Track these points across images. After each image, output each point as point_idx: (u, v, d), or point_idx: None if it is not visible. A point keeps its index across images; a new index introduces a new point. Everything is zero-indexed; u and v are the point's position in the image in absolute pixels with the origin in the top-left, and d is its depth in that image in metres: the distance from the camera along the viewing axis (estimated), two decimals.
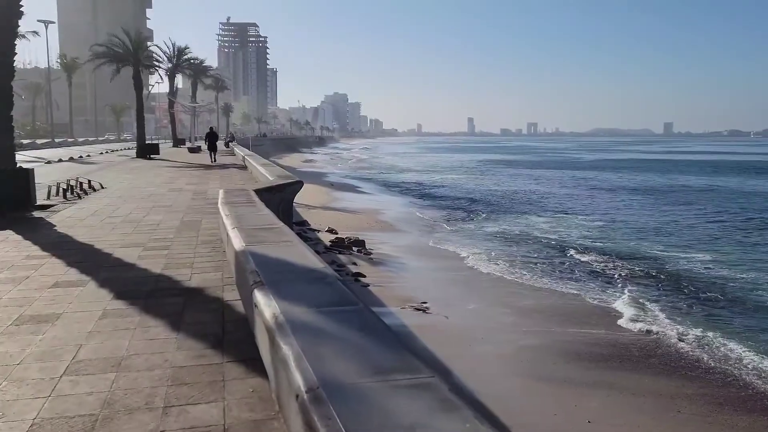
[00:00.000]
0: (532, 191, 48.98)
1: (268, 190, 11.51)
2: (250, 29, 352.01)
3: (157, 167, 28.32)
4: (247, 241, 5.76)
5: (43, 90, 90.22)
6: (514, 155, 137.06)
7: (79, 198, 14.92)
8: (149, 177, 22.00)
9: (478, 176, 67.30)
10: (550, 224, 29.80)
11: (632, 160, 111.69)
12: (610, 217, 33.69)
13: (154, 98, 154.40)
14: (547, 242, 24.19)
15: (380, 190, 48.21)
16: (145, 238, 9.34)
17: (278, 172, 15.25)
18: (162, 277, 6.83)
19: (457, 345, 11.07)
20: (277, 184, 11.96)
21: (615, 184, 57.68)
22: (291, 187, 12.71)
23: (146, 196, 15.45)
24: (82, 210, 12.69)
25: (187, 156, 39.95)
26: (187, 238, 9.27)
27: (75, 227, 10.40)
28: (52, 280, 6.71)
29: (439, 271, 17.84)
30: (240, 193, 10.26)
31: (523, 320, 12.89)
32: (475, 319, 12.80)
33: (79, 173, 24.38)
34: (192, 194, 15.78)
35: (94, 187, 17.01)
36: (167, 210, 12.62)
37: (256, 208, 8.24)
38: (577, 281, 17.41)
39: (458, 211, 33.87)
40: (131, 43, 40.15)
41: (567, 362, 10.46)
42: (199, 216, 11.73)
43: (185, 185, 18.42)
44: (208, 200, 14.20)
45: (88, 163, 33.04)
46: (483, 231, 26.44)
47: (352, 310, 3.71)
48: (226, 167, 28.04)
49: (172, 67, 61.31)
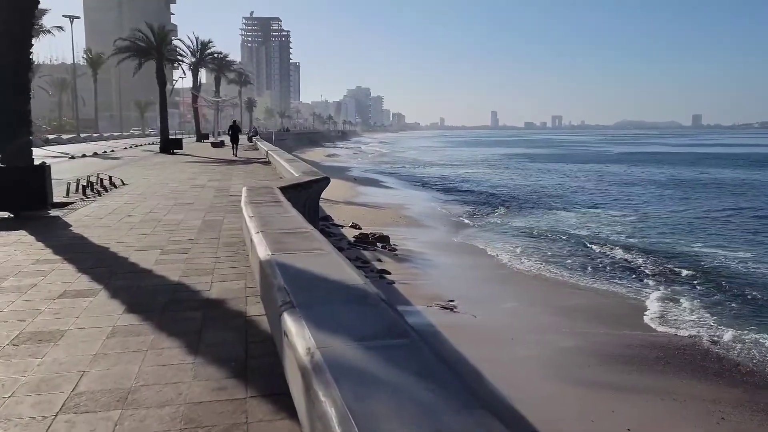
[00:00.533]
0: (558, 185, 48.04)
1: (293, 187, 10.86)
2: (273, 23, 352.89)
3: (179, 162, 27.93)
4: (274, 249, 5.08)
5: (69, 85, 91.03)
6: (539, 149, 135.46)
7: (98, 195, 14.44)
8: (171, 173, 21.55)
9: (502, 170, 66.41)
10: (580, 219, 29.02)
11: (660, 153, 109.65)
12: (641, 212, 32.77)
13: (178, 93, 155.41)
14: (577, 238, 23.46)
15: (404, 184, 47.68)
16: (164, 239, 8.74)
17: (303, 168, 14.60)
18: (180, 287, 6.20)
19: (487, 346, 10.58)
20: (303, 181, 11.31)
21: (643, 177, 56.45)
22: (317, 184, 12.06)
23: (167, 193, 14.93)
24: (100, 208, 12.18)
25: (210, 151, 39.60)
26: (208, 240, 8.65)
27: (91, 227, 9.86)
28: (60, 288, 6.11)
29: (466, 268, 17.33)
30: (264, 191, 9.62)
31: (554, 320, 12.43)
32: (505, 319, 12.35)
33: (102, 169, 24.06)
34: (214, 191, 15.23)
35: (115, 184, 16.55)
36: (188, 208, 12.05)
37: (282, 209, 7.57)
38: (609, 279, 16.83)
39: (484, 206, 33.22)
40: (155, 37, 39.83)
41: (601, 364, 10.05)
42: (221, 215, 11.13)
43: (207, 182, 17.90)
44: (231, 198, 13.62)
45: (112, 158, 32.83)
46: (510, 226, 25.78)
47: (405, 345, 3.01)
48: (250, 162, 27.54)
49: (196, 62, 61.16)
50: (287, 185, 10.73)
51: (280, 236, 5.74)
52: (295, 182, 11.05)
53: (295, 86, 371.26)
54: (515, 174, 61.02)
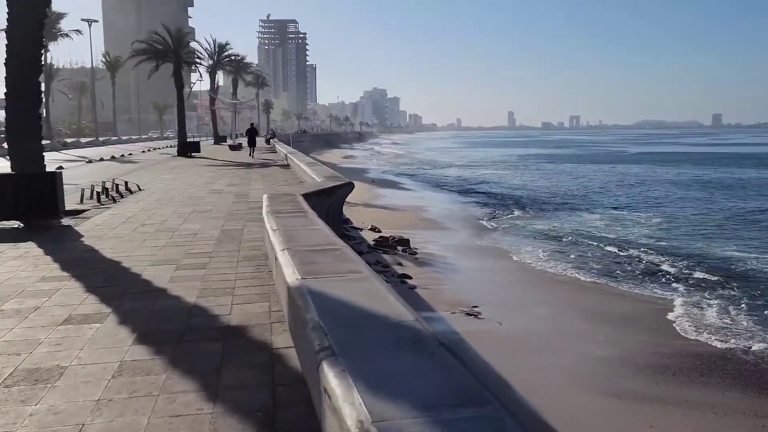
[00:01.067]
0: (579, 187, 47.42)
1: (317, 194, 10.22)
2: (290, 26, 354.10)
3: (197, 166, 27.47)
4: (303, 272, 4.41)
5: (88, 89, 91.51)
6: (557, 149, 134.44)
7: (113, 202, 13.91)
8: (189, 177, 21.04)
9: (521, 171, 65.83)
10: (604, 221, 28.37)
11: (681, 153, 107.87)
12: (667, 213, 31.99)
13: (196, 96, 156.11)
14: (603, 241, 22.81)
15: (422, 186, 47.38)
16: (180, 252, 8.12)
17: (325, 172, 13.96)
18: (196, 310, 5.55)
19: (514, 354, 10.11)
20: (326, 188, 10.66)
21: (666, 178, 55.52)
22: (341, 190, 11.41)
23: (184, 199, 14.36)
24: (114, 216, 11.62)
25: (228, 154, 39.18)
26: (228, 253, 8.02)
27: (104, 238, 9.28)
28: (65, 312, 5.49)
29: (488, 272, 16.70)
30: (287, 199, 8.98)
31: (583, 326, 11.93)
32: (531, 325, 11.86)
33: (119, 173, 23.65)
34: (233, 197, 14.64)
35: (131, 189, 16.03)
36: (206, 216, 11.46)
37: (308, 220, 6.91)
38: (639, 283, 16.25)
39: (504, 208, 32.68)
40: (172, 39, 39.52)
41: (635, 375, 9.56)
42: (240, 223, 10.51)
43: (226, 186, 17.33)
44: (250, 204, 13.02)
45: (129, 162, 32.51)
46: (532, 228, 25.20)
47: (485, 417, 2.31)
48: (268, 165, 27.01)
49: (213, 64, 60.97)
50: (310, 192, 10.08)
51: (309, 255, 5.07)
52: (318, 188, 10.40)
53: (311, 88, 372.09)
54: (534, 175, 60.44)
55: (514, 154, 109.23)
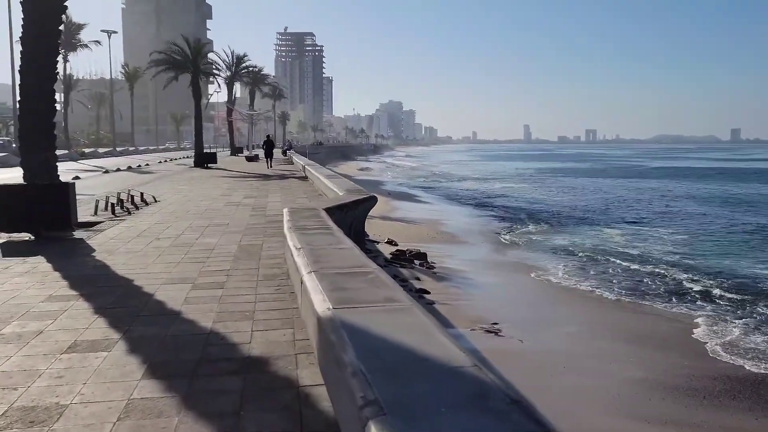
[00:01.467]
0: (598, 201, 46.33)
1: (340, 208, 9.72)
2: (307, 39, 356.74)
3: (214, 177, 27.16)
4: (334, 300, 3.89)
5: (107, 100, 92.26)
6: (575, 163, 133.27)
7: (128, 214, 13.52)
8: (205, 188, 20.68)
9: (539, 185, 64.91)
10: (626, 237, 27.48)
11: (702, 168, 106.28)
12: (690, 229, 30.90)
13: (213, 107, 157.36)
14: (626, 257, 21.99)
15: (439, 199, 46.68)
16: (196, 269, 7.64)
17: (347, 185, 13.46)
18: (213, 337, 5.04)
19: (537, 374, 9.60)
20: (350, 201, 10.15)
21: (686, 193, 54.41)
22: (364, 204, 10.90)
23: (201, 211, 13.94)
24: (129, 229, 11.19)
25: (245, 165, 38.93)
26: (246, 272, 7.52)
27: (117, 253, 8.83)
28: (70, 338, 5.01)
29: (508, 288, 16.24)
30: (309, 214, 8.49)
31: (608, 346, 11.47)
32: (554, 344, 11.37)
33: (135, 183, 23.37)
34: (251, 210, 14.20)
35: (146, 201, 15.65)
36: (223, 230, 10.99)
37: (334, 238, 6.40)
38: (665, 302, 15.55)
39: (522, 222, 31.80)
40: (190, 50, 39.47)
41: (665, 398, 9.05)
42: (259, 238, 10.03)
43: (243, 199, 16.91)
44: (269, 217, 12.56)
45: (146, 173, 32.32)
46: (552, 243, 24.41)
47: None
48: (285, 178, 26.61)
49: (231, 75, 61.03)
50: (333, 206, 9.58)
51: (339, 278, 4.55)
52: (341, 202, 9.90)
53: (327, 100, 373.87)
54: (552, 189, 59.55)
55: (531, 168, 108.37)
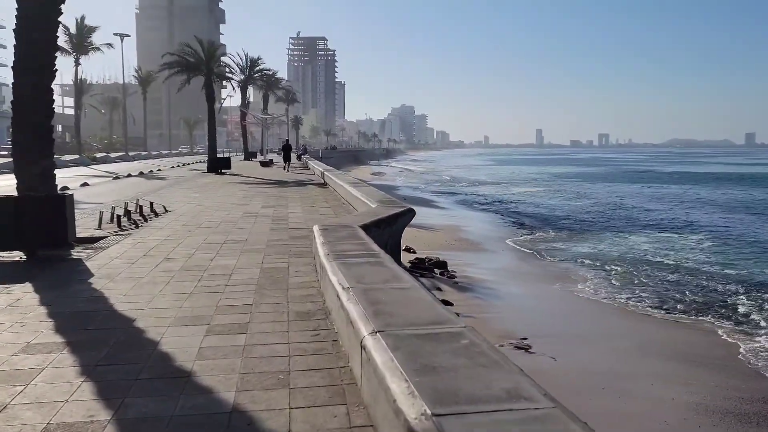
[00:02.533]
0: (617, 206, 45.30)
1: (377, 224, 8.33)
2: (320, 43, 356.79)
3: (228, 183, 25.90)
4: (429, 395, 2.49)
5: (120, 104, 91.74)
6: (590, 168, 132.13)
7: (135, 227, 12.20)
8: (220, 196, 19.38)
9: (555, 190, 64.00)
10: (652, 244, 26.48)
11: (720, 173, 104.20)
12: (719, 236, 29.66)
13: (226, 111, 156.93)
14: (657, 266, 20.99)
15: (456, 204, 46.03)
16: (212, 303, 6.27)
17: (378, 195, 12.05)
18: (237, 419, 3.65)
19: (574, 397, 8.43)
20: (388, 216, 8.75)
21: (708, 198, 52.97)
22: (402, 219, 9.51)
23: (216, 224, 12.60)
24: (134, 247, 9.85)
25: (260, 170, 37.72)
26: (274, 307, 6.13)
27: (117, 279, 7.48)
28: (41, 420, 3.63)
29: (534, 300, 15.31)
30: (345, 233, 7.13)
31: (649, 364, 10.67)
32: (589, 362, 10.59)
33: (145, 190, 22.15)
34: (270, 221, 12.84)
35: (156, 211, 14.35)
36: (241, 248, 9.63)
37: (387, 270, 4.99)
38: (707, 315, 14.54)
39: (543, 229, 30.83)
40: (204, 52, 38.29)
41: (717, 424, 8.33)
42: (283, 259, 8.65)
43: (261, 208, 15.57)
44: (292, 232, 11.20)
45: (157, 178, 31.17)
46: (576, 251, 23.47)
47: None
48: (303, 184, 25.29)
49: (245, 79, 59.99)
50: (369, 222, 8.19)
51: (420, 346, 3.16)
52: (377, 218, 8.50)
53: (340, 104, 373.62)
54: (570, 194, 58.57)
55: (546, 173, 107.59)
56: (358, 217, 8.90)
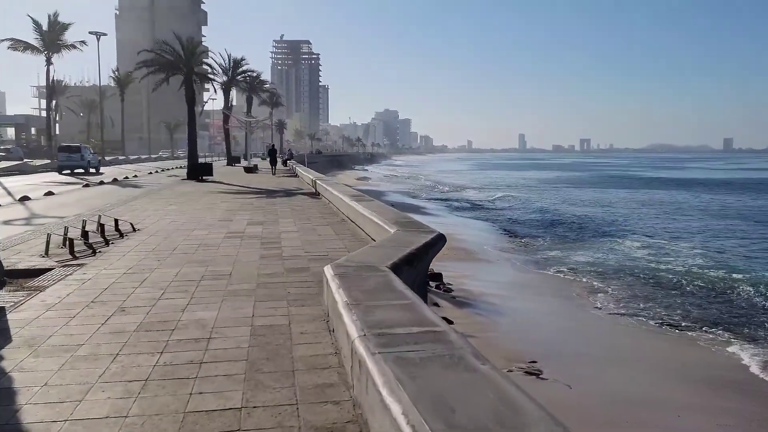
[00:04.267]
0: (608, 212, 44.71)
1: (408, 261, 6.15)
2: (303, 46, 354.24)
3: (209, 192, 23.52)
4: None
5: (98, 106, 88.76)
6: (575, 173, 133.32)
7: (93, 253, 9.86)
8: (199, 209, 17.04)
9: (542, 195, 63.50)
10: (649, 251, 25.49)
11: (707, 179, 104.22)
12: (714, 243, 28.95)
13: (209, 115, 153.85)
14: (660, 274, 19.97)
15: (445, 210, 45.07)
16: (176, 407, 3.99)
17: (392, 214, 9.77)
18: None
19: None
20: (418, 249, 6.54)
21: (696, 205, 52.30)
22: (434, 249, 7.33)
23: (192, 248, 10.29)
24: (82, 287, 7.52)
25: (244, 177, 35.31)
26: (274, 417, 3.88)
27: (42, 351, 5.12)
28: None
29: (539, 316, 14.23)
30: (375, 283, 4.96)
31: (670, 388, 9.68)
32: (608, 389, 9.58)
33: (117, 200, 19.76)
34: (259, 245, 10.56)
35: (122, 231, 12.01)
36: (225, 287, 7.35)
37: (459, 362, 2.80)
38: (726, 329, 13.54)
39: (538, 236, 29.86)
40: (183, 49, 35.71)
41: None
42: (281, 308, 6.37)
43: (247, 226, 13.27)
44: (287, 261, 8.94)
45: (132, 186, 28.69)
46: (574, 261, 22.45)
47: None
48: (293, 194, 22.98)
49: (228, 81, 57.43)
50: (399, 260, 5.99)
51: None
52: (407, 252, 6.28)
53: (324, 108, 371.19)
54: (558, 199, 57.86)
55: (532, 178, 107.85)
56: (379, 250, 6.68)
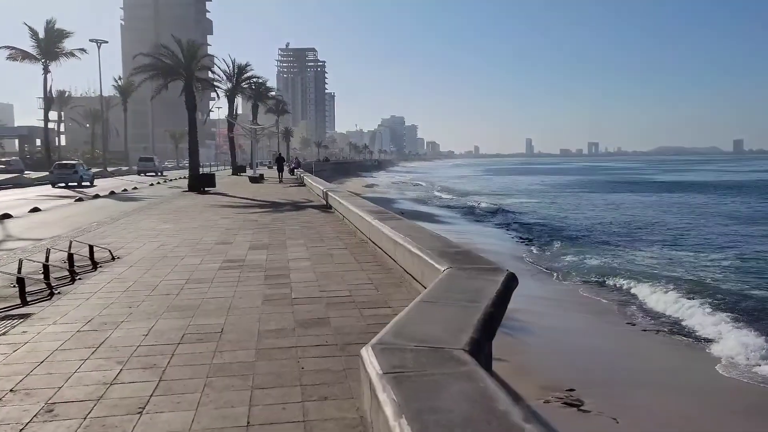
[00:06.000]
0: (628, 218, 42.56)
1: (484, 328, 3.96)
2: (309, 54, 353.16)
3: (210, 207, 21.39)
4: None
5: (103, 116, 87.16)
6: (585, 176, 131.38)
7: (50, 295, 7.70)
8: (196, 229, 14.89)
9: (554, 201, 61.69)
10: (688, 265, 23.41)
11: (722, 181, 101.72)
12: (740, 252, 26.64)
13: (215, 124, 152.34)
14: (693, 286, 18.08)
15: (458, 218, 43.63)
16: None
17: (435, 242, 7.48)
18: None
19: None
20: (494, 305, 4.34)
21: (711, 209, 49.93)
22: (509, 294, 5.12)
23: (178, 287, 8.07)
24: (8, 359, 5.33)
25: (249, 188, 33.20)
26: None
27: None
28: None
29: (571, 335, 12.82)
30: (458, 395, 2.75)
31: (732, 425, 8.57)
32: (662, 422, 8.43)
33: (106, 217, 17.66)
34: (263, 280, 8.33)
35: (96, 262, 9.85)
36: (210, 360, 5.10)
37: None
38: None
39: (558, 246, 28.05)
40: (183, 53, 33.65)
41: None
42: (292, 412, 4.15)
43: (249, 251, 11.05)
44: (298, 309, 6.69)
45: (129, 200, 26.65)
46: (599, 271, 20.63)
47: None
48: (302, 207, 20.81)
49: (232, 87, 55.48)
50: (477, 331, 3.79)
51: None
52: (483, 314, 4.08)
53: (330, 116, 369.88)
54: (572, 205, 55.90)
55: (543, 183, 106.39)
56: (438, 309, 4.46)
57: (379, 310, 6.54)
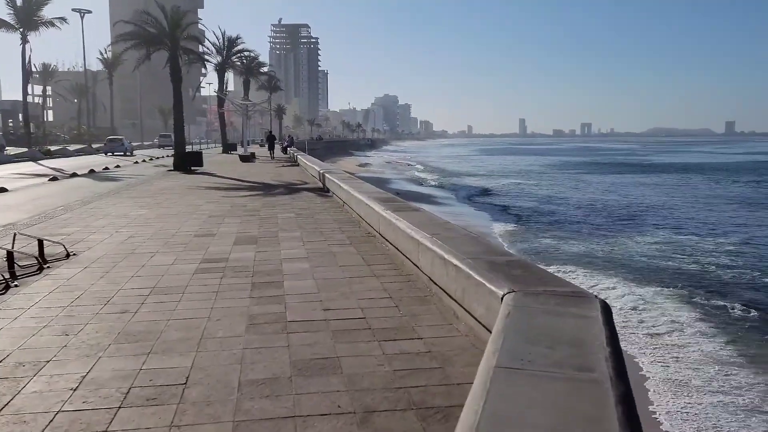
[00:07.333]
0: (627, 201, 42.27)
1: (630, 427, 2.22)
2: (302, 30, 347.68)
3: (195, 189, 19.49)
4: None
5: (89, 91, 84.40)
6: (579, 158, 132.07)
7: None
8: (175, 215, 13.02)
9: (548, 182, 61.39)
10: (683, 248, 23.83)
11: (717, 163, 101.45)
12: (740, 236, 26.75)
13: (206, 100, 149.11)
14: (699, 280, 17.95)
15: (453, 199, 43.34)
16: None
17: (474, 245, 5.71)
18: None
19: None
20: (617, 376, 2.71)
21: (708, 192, 49.78)
22: None
23: (138, 301, 6.20)
24: None
25: (239, 167, 31.22)
26: None
27: None
28: None
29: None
30: None
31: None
32: None
33: (77, 200, 15.77)
34: (249, 292, 6.46)
35: (44, 260, 8.01)
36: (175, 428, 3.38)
37: None
38: None
39: (557, 230, 28.17)
40: (167, 21, 31.31)
41: None
42: None
43: (234, 246, 9.19)
44: (295, 344, 4.83)
45: (108, 179, 24.68)
46: (603, 262, 20.56)
47: None
48: (296, 190, 18.93)
49: (222, 61, 53.07)
50: None
51: None
52: (617, 398, 2.42)
53: (323, 94, 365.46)
54: (568, 187, 55.33)
55: (536, 164, 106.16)
56: (528, 386, 2.69)
57: (406, 344, 4.76)
